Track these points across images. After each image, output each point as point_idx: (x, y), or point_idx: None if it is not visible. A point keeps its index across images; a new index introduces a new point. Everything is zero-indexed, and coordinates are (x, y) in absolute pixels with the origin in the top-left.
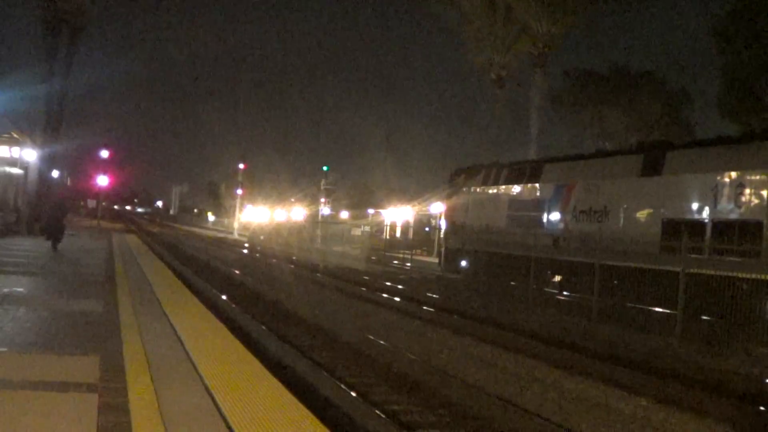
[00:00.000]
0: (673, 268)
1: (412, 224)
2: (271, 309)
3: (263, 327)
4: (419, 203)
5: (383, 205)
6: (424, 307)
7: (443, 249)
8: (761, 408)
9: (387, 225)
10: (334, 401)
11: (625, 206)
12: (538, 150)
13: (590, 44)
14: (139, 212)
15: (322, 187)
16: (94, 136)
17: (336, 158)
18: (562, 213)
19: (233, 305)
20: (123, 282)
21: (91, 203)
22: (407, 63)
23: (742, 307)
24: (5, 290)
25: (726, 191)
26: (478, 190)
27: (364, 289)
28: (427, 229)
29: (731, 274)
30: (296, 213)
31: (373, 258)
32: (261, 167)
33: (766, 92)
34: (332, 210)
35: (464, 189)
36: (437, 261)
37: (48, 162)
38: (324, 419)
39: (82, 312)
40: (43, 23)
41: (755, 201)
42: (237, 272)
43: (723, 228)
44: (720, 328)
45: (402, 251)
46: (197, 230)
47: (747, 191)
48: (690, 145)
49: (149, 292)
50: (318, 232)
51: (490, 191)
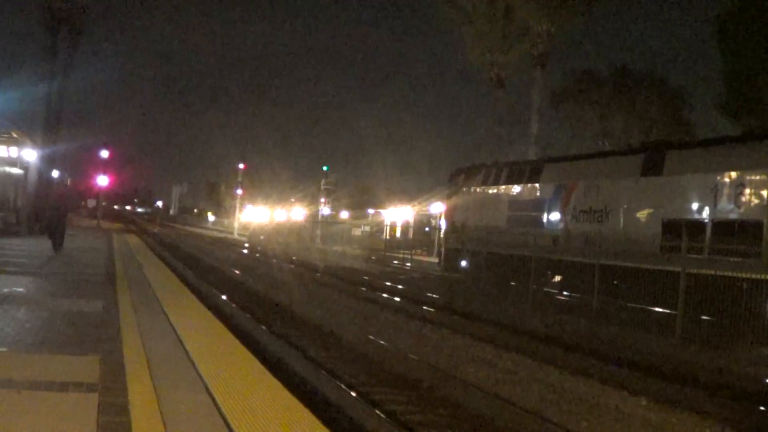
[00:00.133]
0: (674, 268)
1: (412, 224)
2: (271, 309)
3: (263, 327)
4: (419, 203)
5: (383, 205)
6: (425, 307)
7: (443, 249)
8: (761, 408)
9: (387, 225)
10: (334, 401)
11: (626, 206)
12: (538, 150)
13: (590, 44)
14: (139, 212)
15: (322, 187)
16: (94, 136)
17: (336, 158)
18: (563, 213)
19: (233, 305)
20: (123, 282)
21: (91, 203)
22: (407, 63)
23: (742, 307)
24: (5, 290)
25: (726, 191)
26: (478, 190)
27: (365, 289)
28: (427, 229)
29: (731, 274)
30: (296, 213)
31: (373, 258)
32: (261, 167)
33: (766, 92)
34: (332, 210)
35: (464, 189)
36: (437, 261)
37: (48, 162)
38: (324, 419)
39: (82, 312)
40: (43, 23)
41: (755, 201)
42: (237, 272)
43: (723, 228)
44: (720, 328)
45: (402, 251)
46: (197, 230)
47: (747, 191)
48: (690, 145)
49: (149, 292)
50: (318, 232)
51: (490, 191)
